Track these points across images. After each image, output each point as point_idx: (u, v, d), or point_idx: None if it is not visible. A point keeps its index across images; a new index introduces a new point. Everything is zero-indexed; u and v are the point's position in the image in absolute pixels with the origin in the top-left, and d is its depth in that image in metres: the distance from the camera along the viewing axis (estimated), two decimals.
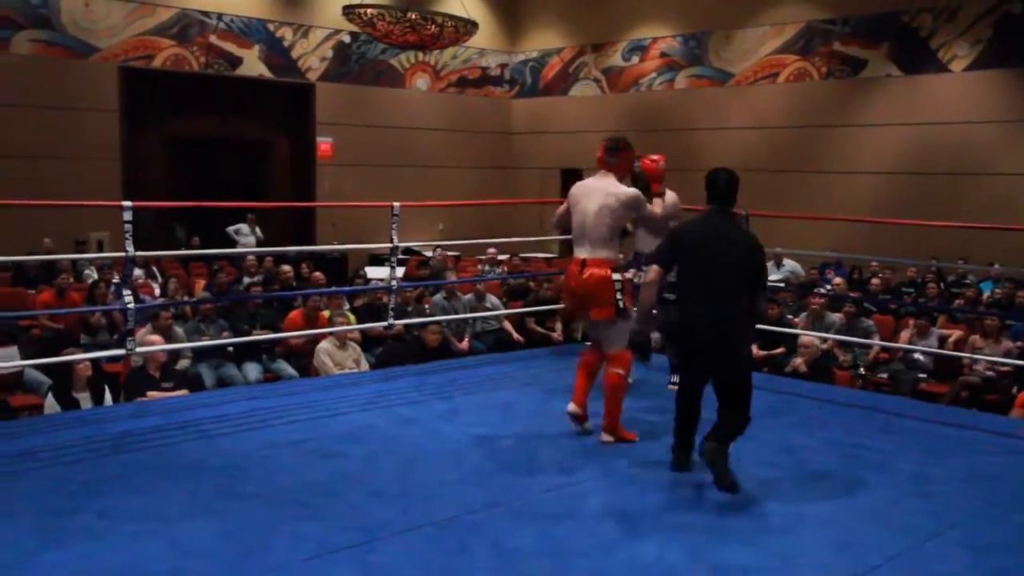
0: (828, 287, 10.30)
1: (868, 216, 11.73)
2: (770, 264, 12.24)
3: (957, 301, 9.99)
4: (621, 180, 4.71)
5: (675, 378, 6.01)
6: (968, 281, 11.44)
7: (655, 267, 4.34)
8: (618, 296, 4.56)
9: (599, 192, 4.62)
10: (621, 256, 4.82)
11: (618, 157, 4.71)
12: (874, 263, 11.70)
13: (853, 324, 8.38)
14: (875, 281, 10.44)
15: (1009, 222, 9.47)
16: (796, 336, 8.19)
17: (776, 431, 4.95)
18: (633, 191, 4.65)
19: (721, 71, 15.80)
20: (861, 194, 13.60)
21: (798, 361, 7.98)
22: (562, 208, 4.90)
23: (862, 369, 8.16)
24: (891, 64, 13.83)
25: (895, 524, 3.65)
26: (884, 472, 4.27)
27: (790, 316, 8.73)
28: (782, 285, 10.70)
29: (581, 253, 4.65)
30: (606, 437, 4.62)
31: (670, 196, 5.51)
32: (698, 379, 4.27)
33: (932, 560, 3.34)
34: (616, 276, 4.59)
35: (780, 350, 8.45)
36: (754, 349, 8.50)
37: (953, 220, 8.22)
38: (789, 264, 12.39)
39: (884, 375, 8.21)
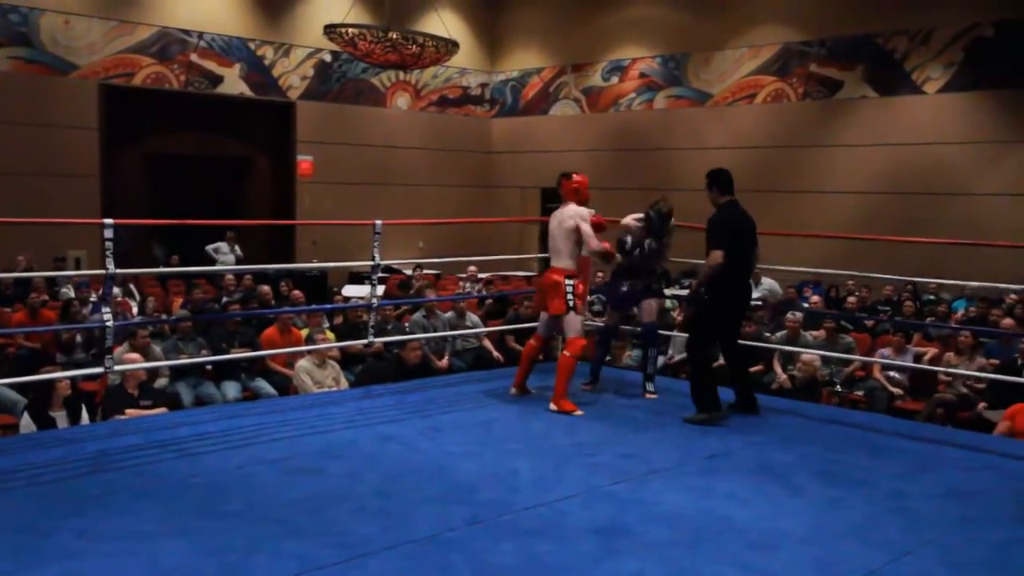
0: (806, 305, 10.39)
1: (842, 233, 11.86)
2: None
3: (930, 319, 10.11)
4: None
5: (651, 387, 6.11)
6: (943, 297, 11.57)
7: (719, 251, 5.32)
8: (569, 298, 5.70)
9: (560, 215, 5.90)
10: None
11: (560, 187, 5.99)
12: (850, 281, 11.82)
13: (834, 340, 8.46)
14: (851, 299, 10.54)
15: (978, 239, 9.59)
16: (773, 353, 8.26)
17: (755, 448, 4.99)
18: (577, 210, 5.89)
19: (700, 92, 15.96)
20: (837, 214, 13.75)
21: (783, 377, 8.05)
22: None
23: (838, 386, 8.23)
24: (866, 86, 14.03)
25: (873, 540, 3.68)
26: (862, 488, 4.31)
27: (767, 334, 8.79)
28: (760, 303, 10.77)
29: (552, 262, 5.92)
30: (552, 407, 5.60)
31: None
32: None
33: (909, 575, 3.37)
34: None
35: (759, 368, 8.51)
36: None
37: (927, 236, 8.35)
38: (767, 282, 12.47)
39: (860, 392, 8.28)
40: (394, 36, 12.23)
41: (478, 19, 18.49)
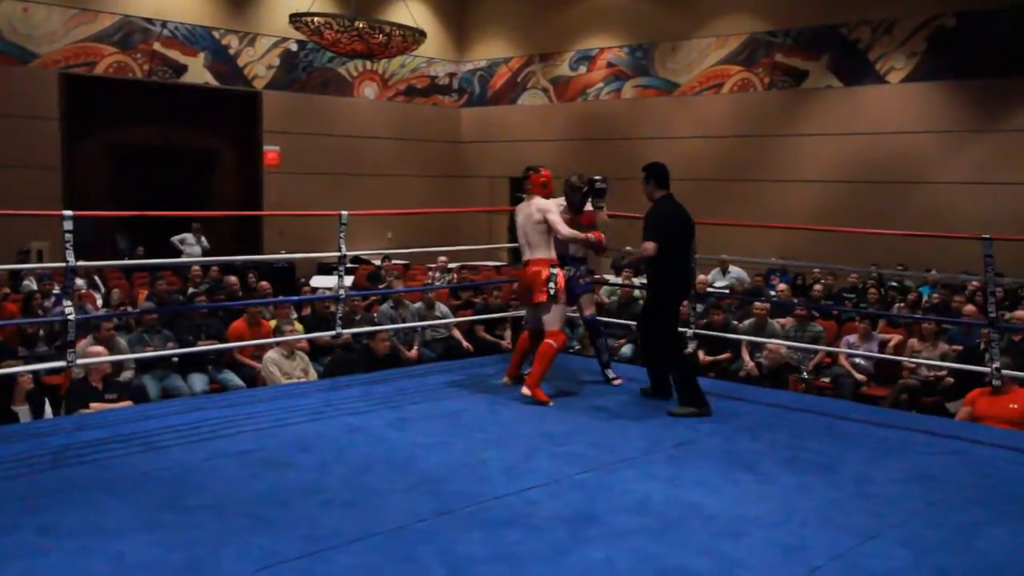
0: (773, 293, 10.48)
1: (810, 223, 11.98)
2: (716, 270, 12.43)
3: (898, 306, 10.24)
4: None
5: (611, 373, 6.14)
6: (908, 285, 11.73)
7: (652, 243, 5.43)
8: (550, 288, 5.73)
9: (531, 207, 5.88)
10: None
11: (525, 183, 5.99)
12: (816, 269, 11.94)
13: (804, 326, 8.55)
14: (817, 287, 10.65)
15: (945, 230, 9.74)
16: (739, 342, 8.32)
17: (722, 436, 5.02)
18: (544, 204, 5.88)
19: (667, 81, 16.02)
20: (803, 202, 13.88)
21: (750, 365, 8.12)
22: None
23: (805, 373, 8.32)
24: (831, 75, 14.16)
25: (838, 524, 3.72)
26: (828, 474, 4.36)
27: (735, 322, 8.86)
28: (727, 292, 10.86)
29: (526, 255, 5.94)
30: (525, 391, 5.59)
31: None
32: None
33: (874, 559, 3.41)
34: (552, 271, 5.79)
35: (726, 356, 8.57)
36: (700, 355, 8.63)
37: (892, 228, 8.43)
38: (735, 271, 12.58)
39: (827, 379, 8.38)
40: (361, 25, 12.15)
41: (445, 8, 18.40)
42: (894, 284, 11.96)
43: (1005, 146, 12.64)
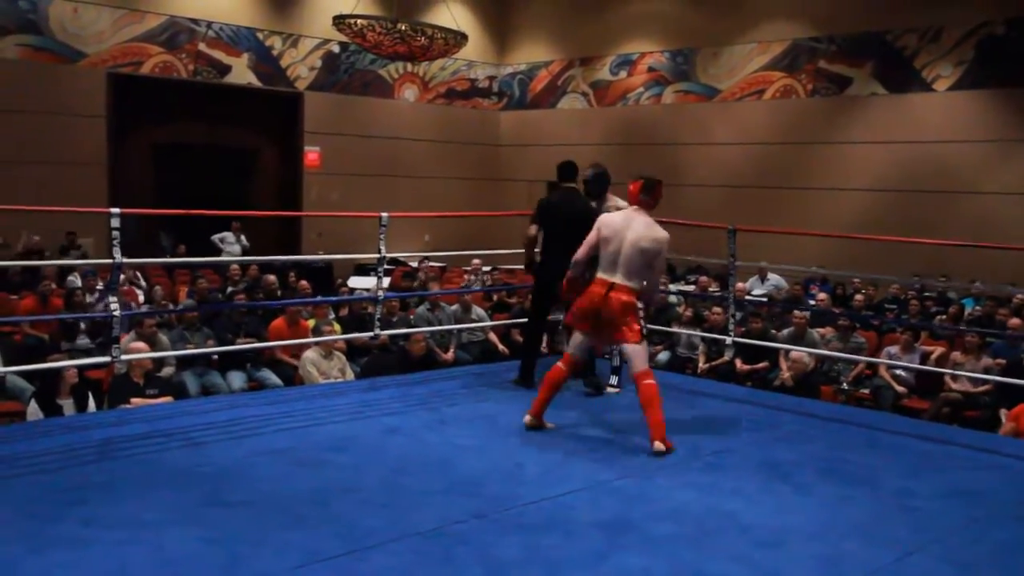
0: (812, 302, 10.38)
1: (852, 232, 11.84)
2: (754, 278, 12.34)
3: (939, 318, 10.08)
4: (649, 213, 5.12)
5: (614, 380, 6.08)
6: (951, 297, 11.55)
7: (533, 226, 5.92)
8: (641, 323, 5.06)
9: (644, 231, 4.96)
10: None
11: (652, 195, 5.09)
12: (856, 279, 11.80)
13: (846, 338, 8.45)
14: (858, 297, 10.53)
15: (989, 240, 9.57)
16: (778, 351, 8.24)
17: (760, 445, 4.98)
18: (665, 237, 5.04)
19: (708, 87, 15.91)
20: (845, 210, 13.71)
21: (786, 375, 8.04)
22: (592, 238, 5.10)
23: (844, 384, 8.22)
24: (876, 83, 13.98)
25: (878, 538, 3.67)
26: (867, 487, 4.30)
27: (774, 331, 8.78)
28: (765, 300, 10.77)
29: (611, 277, 4.95)
30: (660, 446, 4.69)
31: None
32: None
33: (914, 574, 3.36)
34: (639, 304, 5.08)
35: (764, 365, 8.50)
36: (738, 363, 8.57)
37: (935, 237, 8.31)
38: (774, 278, 12.47)
39: (866, 390, 8.27)
40: (403, 27, 12.20)
41: (486, 11, 18.45)
42: (930, 295, 11.77)
43: None
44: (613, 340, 5.12)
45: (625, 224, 5.00)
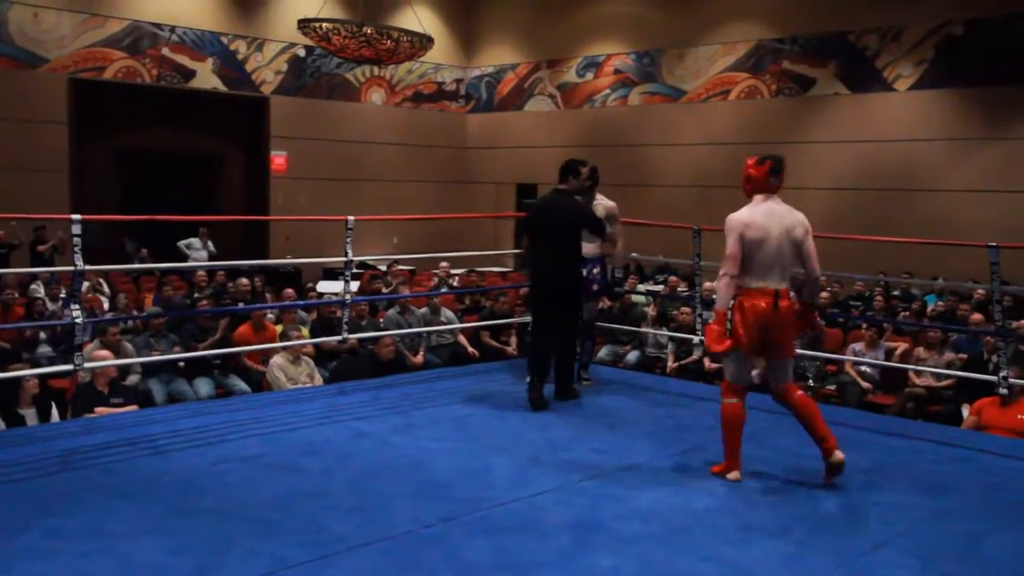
0: None
1: (816, 231, 11.93)
2: None
3: (903, 314, 10.21)
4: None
5: (585, 374, 6.13)
6: (914, 293, 11.71)
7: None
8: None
9: (789, 217, 4.39)
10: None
11: (781, 177, 4.53)
12: (822, 277, 11.90)
13: (807, 335, 8.51)
14: (824, 295, 10.62)
15: (951, 237, 9.72)
16: None
17: None
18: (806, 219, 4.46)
19: (674, 88, 16.02)
20: (810, 209, 13.60)
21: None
22: (736, 249, 4.32)
23: (811, 381, 8.30)
24: (839, 83, 14.15)
25: (845, 533, 3.72)
26: (834, 481, 4.34)
27: None
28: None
29: (772, 284, 4.26)
30: (840, 455, 4.24)
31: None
32: None
33: (881, 567, 3.40)
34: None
35: None
36: (706, 363, 8.62)
37: (898, 235, 8.42)
38: None
39: (832, 387, 8.36)
40: (368, 31, 12.18)
41: (453, 14, 18.44)
42: (896, 294, 11.93)
43: (1012, 154, 12.62)
44: (776, 357, 4.38)
45: (767, 217, 4.33)
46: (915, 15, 13.26)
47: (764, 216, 4.33)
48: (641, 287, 11.33)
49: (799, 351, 8.07)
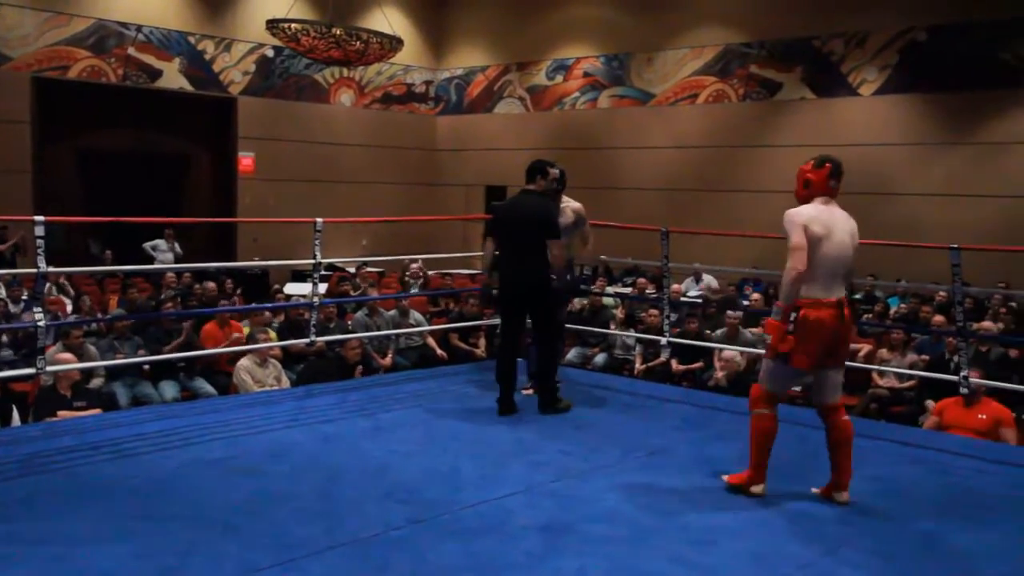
0: (747, 303, 10.56)
1: (780, 234, 12.05)
2: (689, 279, 12.51)
3: (866, 316, 10.34)
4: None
5: (530, 383, 6.07)
6: (877, 295, 11.86)
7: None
8: None
9: (847, 224, 4.23)
10: None
11: (840, 180, 4.33)
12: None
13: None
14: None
15: (914, 240, 9.86)
16: (712, 351, 8.37)
17: (695, 444, 5.06)
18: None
19: (643, 91, 16.11)
20: (777, 212, 13.75)
21: (719, 375, 8.16)
22: (803, 239, 4.14)
23: None
24: (805, 87, 14.30)
25: (808, 533, 3.76)
26: (797, 483, 4.39)
27: (708, 331, 8.91)
28: (700, 301, 10.93)
29: (836, 293, 4.06)
30: (847, 496, 4.11)
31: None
32: None
33: (843, 566, 3.45)
34: None
35: (699, 365, 8.62)
36: (674, 363, 8.67)
37: (862, 238, 8.51)
38: (706, 279, 12.68)
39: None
40: (338, 32, 12.12)
41: (423, 16, 18.41)
42: (858, 296, 12.07)
43: (974, 158, 12.83)
44: (829, 366, 4.17)
45: (831, 219, 4.16)
46: (880, 21, 13.44)
47: (827, 216, 4.17)
48: (610, 289, 11.39)
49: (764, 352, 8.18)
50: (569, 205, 5.96)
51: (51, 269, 5.04)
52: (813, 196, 4.27)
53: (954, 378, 5.85)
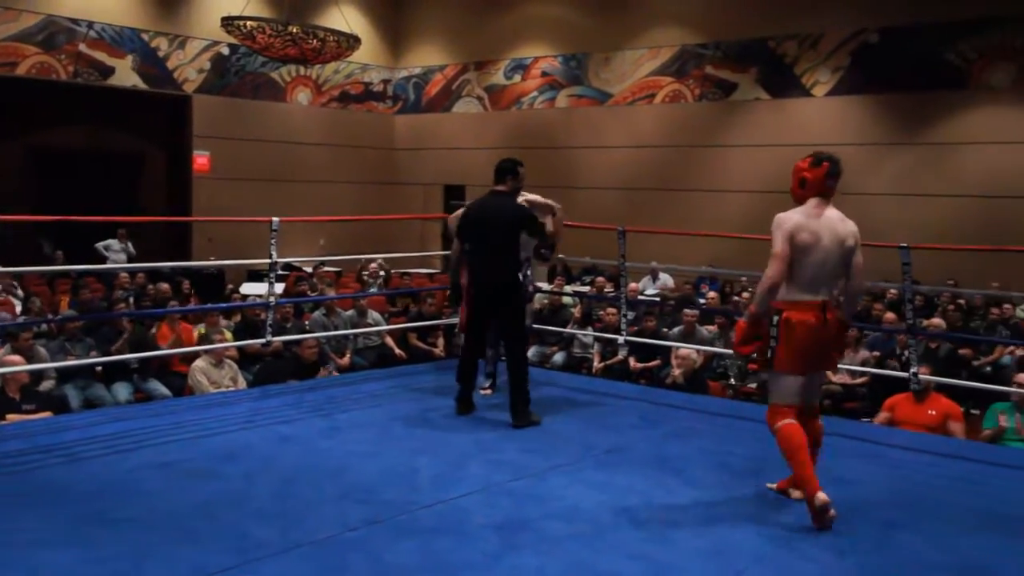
0: (703, 301, 10.66)
1: (739, 233, 12.21)
2: (647, 278, 12.60)
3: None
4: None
5: (487, 382, 6.06)
6: None
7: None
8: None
9: (842, 226, 4.11)
10: None
11: (838, 180, 4.20)
12: (744, 278, 12.18)
13: (726, 335, 8.70)
14: (744, 295, 10.86)
15: (865, 239, 10.02)
16: (669, 349, 8.44)
17: (652, 442, 5.10)
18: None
19: (600, 91, 16.19)
20: (733, 211, 14.14)
21: (676, 372, 8.23)
22: (786, 249, 4.02)
23: (732, 380, 8.47)
24: (759, 88, 14.48)
25: (763, 528, 3.80)
26: (754, 478, 4.45)
27: (665, 329, 8.99)
28: (658, 299, 11.01)
29: (820, 295, 3.97)
30: (799, 494, 4.00)
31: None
32: None
33: (797, 560, 3.50)
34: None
35: (656, 362, 8.69)
36: (632, 361, 8.73)
37: None
38: (662, 278, 12.79)
39: (753, 385, 8.54)
40: (294, 30, 12.02)
41: (380, 15, 18.33)
42: None
43: (924, 158, 13.09)
44: (815, 370, 4.09)
45: (820, 223, 4.05)
46: (832, 23, 13.65)
47: (817, 222, 4.05)
48: (568, 288, 11.43)
49: (720, 350, 8.27)
50: (525, 197, 5.94)
51: (0, 269, 4.94)
52: (809, 196, 4.15)
53: (905, 375, 5.96)
